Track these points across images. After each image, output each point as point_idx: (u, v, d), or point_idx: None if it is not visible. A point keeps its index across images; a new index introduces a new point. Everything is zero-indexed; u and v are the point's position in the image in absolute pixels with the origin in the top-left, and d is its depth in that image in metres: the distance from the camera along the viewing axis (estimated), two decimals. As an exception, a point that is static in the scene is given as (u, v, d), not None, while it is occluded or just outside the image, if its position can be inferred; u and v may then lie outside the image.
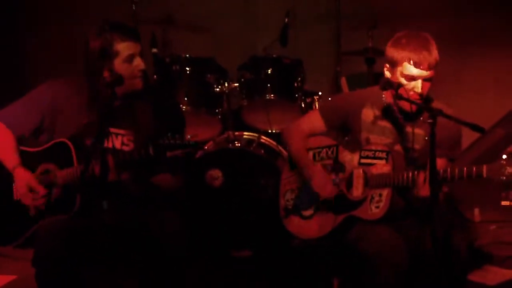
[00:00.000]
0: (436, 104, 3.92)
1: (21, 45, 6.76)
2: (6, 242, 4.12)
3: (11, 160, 4.05)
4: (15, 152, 4.07)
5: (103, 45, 3.94)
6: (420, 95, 3.93)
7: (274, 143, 5.48)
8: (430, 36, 3.99)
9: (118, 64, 3.95)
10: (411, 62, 3.91)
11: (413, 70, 3.92)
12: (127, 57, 3.95)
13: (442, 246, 3.77)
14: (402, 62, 3.93)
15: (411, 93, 3.91)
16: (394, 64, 3.97)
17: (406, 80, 3.94)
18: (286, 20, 5.68)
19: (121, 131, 4.04)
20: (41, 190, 3.97)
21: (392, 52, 3.98)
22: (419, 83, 3.93)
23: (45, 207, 4.00)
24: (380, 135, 4.10)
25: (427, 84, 3.95)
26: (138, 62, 3.98)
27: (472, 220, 5.54)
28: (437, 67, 3.95)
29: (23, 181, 3.99)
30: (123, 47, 3.94)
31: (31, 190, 3.97)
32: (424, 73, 3.92)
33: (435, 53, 3.93)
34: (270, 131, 5.58)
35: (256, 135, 5.54)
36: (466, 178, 3.74)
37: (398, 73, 3.96)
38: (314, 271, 4.44)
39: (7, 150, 4.07)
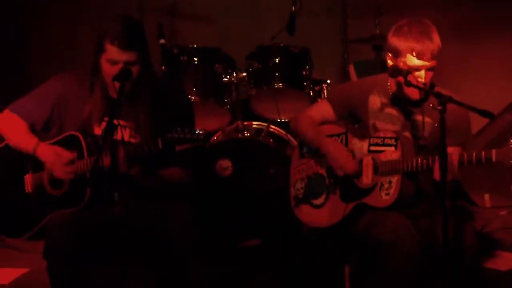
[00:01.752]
0: (443, 91, 3.91)
1: (25, 39, 6.76)
2: (18, 235, 4.16)
3: (30, 141, 4.08)
4: (31, 134, 4.11)
5: (99, 40, 3.95)
6: (424, 84, 3.92)
7: (283, 132, 5.48)
8: (430, 22, 3.98)
9: (103, 61, 3.96)
10: (414, 53, 3.90)
11: (416, 61, 3.91)
12: (110, 60, 3.94)
13: (453, 233, 3.79)
14: (405, 53, 3.92)
15: (419, 79, 3.91)
16: (397, 54, 3.97)
17: (410, 71, 3.93)
18: (293, 8, 5.67)
19: (127, 123, 4.05)
20: (69, 154, 3.99)
21: (394, 41, 3.97)
22: (422, 73, 3.93)
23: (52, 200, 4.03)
24: (387, 122, 4.10)
25: (430, 74, 3.95)
26: (114, 70, 3.92)
27: (482, 205, 5.54)
28: (440, 54, 3.94)
29: (49, 152, 4.03)
30: (110, 50, 3.92)
31: (58, 155, 4.00)
32: (427, 63, 3.91)
33: (437, 40, 3.92)
34: (279, 120, 5.59)
35: (265, 124, 5.54)
36: (475, 163, 3.74)
37: (401, 64, 3.95)
38: (325, 259, 4.45)
39: (23, 135, 4.11)
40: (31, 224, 4.08)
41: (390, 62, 4.03)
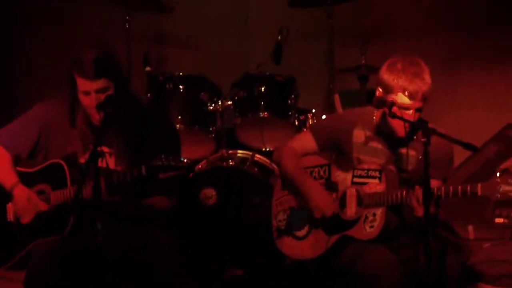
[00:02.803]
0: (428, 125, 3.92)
1: (12, 67, 6.73)
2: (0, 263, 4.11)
3: (9, 178, 4.06)
4: (12, 171, 4.08)
5: (69, 72, 3.96)
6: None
7: (268, 161, 5.46)
8: (423, 62, 3.99)
9: (79, 93, 3.97)
10: (406, 93, 3.91)
11: (406, 101, 3.92)
12: (82, 91, 3.95)
13: (435, 266, 3.78)
14: (397, 92, 3.93)
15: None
16: (388, 91, 3.97)
17: (399, 108, 3.94)
18: (279, 37, 5.67)
19: (111, 151, 4.04)
20: (43, 206, 3.98)
21: (387, 78, 3.98)
22: (411, 112, 3.94)
23: (37, 228, 4.00)
24: (372, 156, 4.10)
25: (418, 114, 3.96)
26: (89, 100, 3.94)
27: (466, 237, 5.52)
28: (430, 96, 3.96)
29: (24, 196, 4.00)
30: (80, 82, 3.93)
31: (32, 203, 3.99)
32: (417, 104, 3.93)
33: (428, 81, 3.94)
34: (264, 149, 5.58)
35: (250, 153, 5.52)
36: (461, 196, 3.76)
37: (390, 100, 3.96)
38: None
39: (5, 170, 4.08)
40: (12, 253, 4.04)
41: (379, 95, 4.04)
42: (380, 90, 4.02)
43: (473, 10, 6.33)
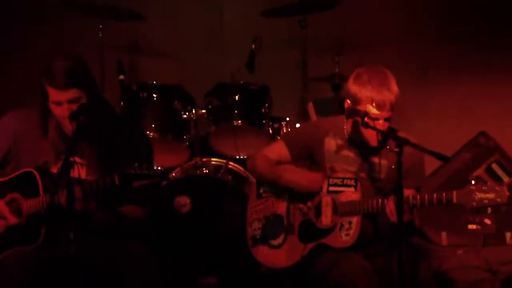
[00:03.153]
0: (400, 134, 3.94)
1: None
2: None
3: None
4: None
5: (40, 84, 3.93)
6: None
7: (242, 169, 5.46)
8: (389, 72, 4.02)
9: (51, 104, 3.94)
10: (374, 104, 3.94)
11: (375, 112, 3.95)
12: (54, 101, 3.93)
13: (409, 273, 3.80)
14: (365, 103, 3.96)
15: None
16: (356, 102, 4.00)
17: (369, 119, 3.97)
18: (253, 46, 5.70)
19: (83, 161, 4.02)
20: (12, 219, 3.95)
21: (354, 89, 4.00)
22: (380, 122, 3.96)
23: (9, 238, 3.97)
24: (344, 164, 4.12)
25: (387, 124, 3.99)
26: (61, 110, 3.91)
27: (439, 244, 5.56)
28: (397, 105, 3.98)
29: None
30: (51, 92, 3.90)
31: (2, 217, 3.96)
32: (385, 113, 3.95)
33: (395, 91, 3.97)
34: (238, 157, 5.58)
35: (224, 161, 5.53)
36: (436, 204, 3.78)
37: (364, 110, 3.98)
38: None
39: None
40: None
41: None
42: (349, 102, 4.04)
43: (440, 21, 6.39)
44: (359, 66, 4.15)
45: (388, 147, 3.96)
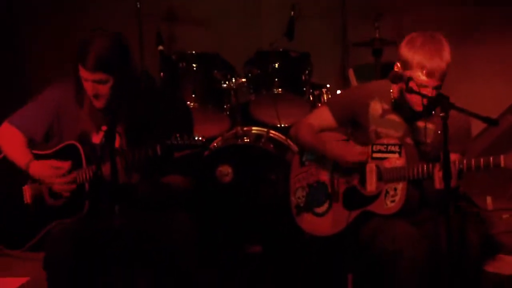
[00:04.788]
0: None
1: (23, 44, 6.73)
2: (17, 246, 4.14)
3: (24, 157, 4.07)
4: (27, 151, 4.09)
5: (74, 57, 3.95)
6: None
7: (283, 137, 5.45)
8: (444, 39, 3.92)
9: (82, 79, 3.95)
10: (424, 71, 3.86)
11: (424, 79, 3.86)
12: (82, 77, 3.93)
13: (456, 239, 3.77)
14: (415, 68, 3.87)
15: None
16: (406, 67, 3.90)
17: (416, 86, 3.89)
18: (292, 13, 5.66)
19: (124, 131, 4.02)
20: (66, 165, 3.98)
21: (405, 53, 3.91)
22: (428, 90, 3.88)
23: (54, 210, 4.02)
24: (389, 128, 4.07)
25: (435, 92, 3.89)
26: (86, 86, 3.92)
27: (484, 209, 5.51)
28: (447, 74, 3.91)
29: (44, 166, 4.01)
30: (80, 68, 3.91)
31: (55, 168, 3.99)
32: (435, 82, 3.87)
33: (447, 59, 3.86)
34: (278, 125, 5.55)
35: (265, 130, 5.51)
36: (483, 169, 3.73)
37: (408, 75, 3.91)
38: (327, 268, 4.42)
39: (18, 150, 4.09)
40: (30, 235, 4.06)
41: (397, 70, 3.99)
42: (399, 65, 3.97)
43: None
44: (399, 30, 4.09)
45: (433, 112, 3.90)
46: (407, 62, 3.90)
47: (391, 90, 4.09)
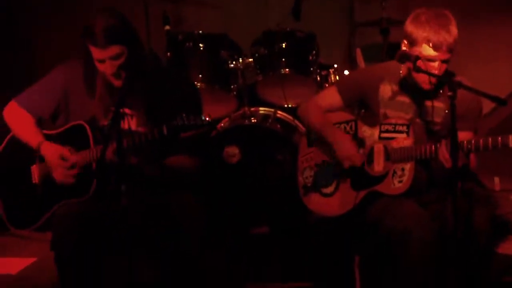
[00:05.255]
0: (455, 77, 3.86)
1: (31, 25, 6.72)
2: (24, 226, 4.16)
3: (36, 137, 4.08)
4: (38, 131, 4.11)
5: (83, 42, 3.94)
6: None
7: (291, 117, 5.45)
8: (450, 14, 3.91)
9: (95, 61, 3.94)
10: (430, 44, 3.84)
11: (431, 52, 3.85)
12: (97, 59, 3.92)
13: (464, 219, 3.76)
14: (421, 43, 3.85)
15: (433, 70, 3.85)
16: (412, 43, 3.90)
17: (424, 61, 3.88)
18: (299, -7, 5.64)
19: (133, 112, 4.02)
20: (72, 158, 3.98)
21: (411, 30, 3.90)
22: (436, 64, 3.87)
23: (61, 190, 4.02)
24: (398, 110, 4.06)
25: (444, 66, 3.89)
26: (105, 67, 3.92)
27: (492, 189, 5.51)
28: (455, 48, 3.89)
29: (54, 151, 4.02)
30: (93, 50, 3.91)
31: (62, 159, 4.00)
32: (443, 55, 3.86)
33: (454, 33, 3.85)
34: (286, 105, 5.55)
35: (272, 110, 5.50)
36: (491, 149, 3.71)
37: (416, 53, 3.89)
38: (334, 248, 4.41)
39: (30, 131, 4.11)
40: (37, 215, 4.07)
41: (404, 49, 3.97)
42: (406, 42, 3.95)
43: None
44: (406, 9, 4.07)
45: (441, 91, 3.88)
46: (413, 38, 3.88)
47: (401, 71, 4.07)
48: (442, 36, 3.82)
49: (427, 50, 3.85)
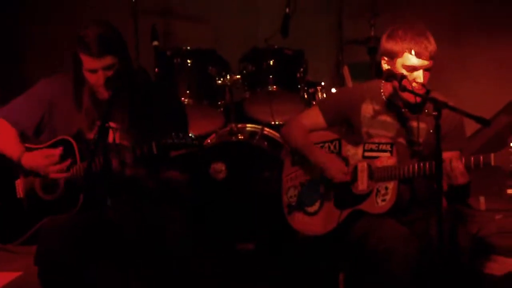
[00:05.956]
0: (438, 96, 3.89)
1: (20, 38, 6.72)
2: (9, 240, 4.13)
3: (16, 149, 4.06)
4: (18, 143, 4.07)
5: (75, 51, 3.95)
6: (423, 85, 3.90)
7: (277, 134, 5.43)
8: (424, 25, 3.97)
9: (85, 71, 3.95)
10: (413, 52, 3.88)
11: (414, 61, 3.89)
12: (89, 69, 3.93)
13: (447, 239, 3.77)
14: (403, 53, 3.90)
15: (414, 84, 3.88)
16: (393, 56, 3.94)
17: (408, 71, 3.92)
18: (287, 10, 5.63)
19: (117, 126, 4.02)
20: (57, 152, 3.97)
21: (390, 44, 3.95)
22: (420, 73, 3.91)
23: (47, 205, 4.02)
24: (381, 129, 4.08)
25: (427, 74, 3.94)
26: (96, 78, 3.92)
27: (477, 209, 5.51)
28: (436, 57, 3.92)
29: (36, 156, 4.00)
30: (85, 60, 3.91)
31: (47, 157, 3.98)
32: (425, 62, 3.90)
33: (433, 42, 3.92)
34: (273, 122, 5.55)
35: (259, 127, 5.51)
36: (473, 168, 3.73)
37: (398, 65, 3.93)
38: (319, 266, 4.42)
39: (10, 142, 4.08)
40: (22, 230, 4.05)
41: (385, 66, 4.00)
42: (386, 59, 3.99)
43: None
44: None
45: (426, 110, 3.91)
46: (394, 52, 3.93)
47: (382, 90, 4.10)
48: (423, 43, 3.87)
49: (410, 59, 3.89)
